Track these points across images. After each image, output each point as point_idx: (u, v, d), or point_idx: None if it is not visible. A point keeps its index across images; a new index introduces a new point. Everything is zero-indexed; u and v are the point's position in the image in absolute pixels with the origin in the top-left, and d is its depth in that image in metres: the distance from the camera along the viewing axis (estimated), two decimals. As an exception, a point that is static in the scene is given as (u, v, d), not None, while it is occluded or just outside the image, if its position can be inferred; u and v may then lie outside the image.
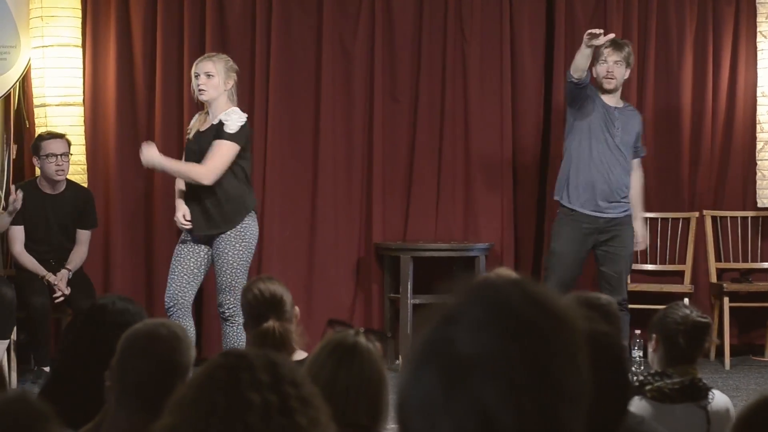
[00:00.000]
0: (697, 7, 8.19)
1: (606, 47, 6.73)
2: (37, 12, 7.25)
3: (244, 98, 7.76)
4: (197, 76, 6.18)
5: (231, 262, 6.12)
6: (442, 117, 8.01)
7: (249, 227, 6.20)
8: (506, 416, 1.20)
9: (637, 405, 3.35)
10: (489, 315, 1.24)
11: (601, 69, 6.80)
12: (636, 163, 6.99)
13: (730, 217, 8.18)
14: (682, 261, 8.09)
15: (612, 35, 6.73)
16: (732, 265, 8.17)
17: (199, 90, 6.17)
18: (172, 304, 6.19)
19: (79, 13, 7.41)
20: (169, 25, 7.69)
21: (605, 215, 6.75)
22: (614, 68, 6.78)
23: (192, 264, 6.21)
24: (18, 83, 7.35)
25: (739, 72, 8.20)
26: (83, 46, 7.49)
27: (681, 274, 8.09)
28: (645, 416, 3.30)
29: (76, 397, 2.85)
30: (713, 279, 8.10)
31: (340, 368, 2.46)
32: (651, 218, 8.11)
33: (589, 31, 6.50)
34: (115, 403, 2.54)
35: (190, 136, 6.30)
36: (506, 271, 3.45)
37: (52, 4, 7.24)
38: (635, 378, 3.50)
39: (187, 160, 6.26)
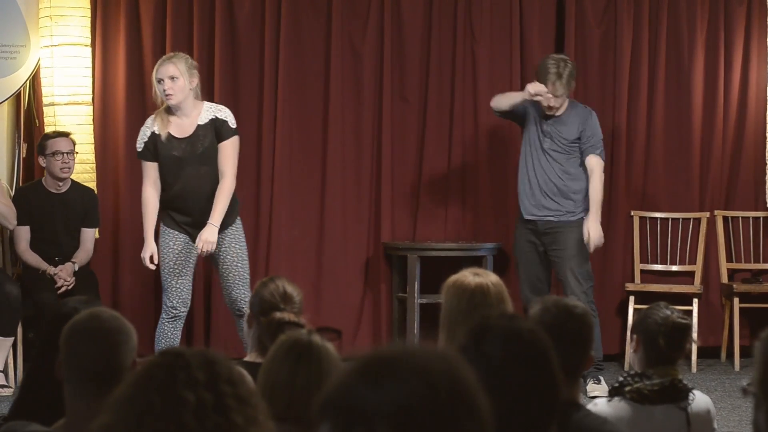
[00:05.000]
0: (709, 6, 8.13)
1: (550, 83, 6.88)
2: (46, 11, 7.28)
3: (253, 98, 7.79)
4: (160, 81, 6.10)
5: (241, 255, 6.22)
6: (452, 117, 8.00)
7: (239, 220, 6.31)
8: None
9: (617, 406, 3.34)
10: (411, 400, 1.32)
11: (543, 101, 6.96)
12: (594, 162, 6.98)
13: (742, 217, 8.12)
14: (693, 261, 8.05)
15: (551, 98, 6.89)
16: (743, 265, 8.11)
17: (167, 95, 6.08)
18: (184, 309, 6.18)
19: (89, 13, 7.44)
20: (178, 24, 7.71)
21: (540, 219, 7.03)
22: (555, 102, 6.95)
23: (190, 265, 6.20)
24: (28, 82, 7.40)
25: (750, 71, 8.13)
26: (92, 45, 7.52)
27: (691, 274, 8.04)
28: (624, 417, 3.30)
29: (50, 408, 2.85)
30: (724, 280, 8.04)
31: (299, 366, 2.46)
32: (661, 218, 8.08)
33: (537, 90, 6.81)
34: (71, 397, 2.56)
35: (162, 139, 6.12)
36: (483, 271, 3.43)
37: (62, 4, 7.27)
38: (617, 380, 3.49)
39: (168, 165, 6.14)
